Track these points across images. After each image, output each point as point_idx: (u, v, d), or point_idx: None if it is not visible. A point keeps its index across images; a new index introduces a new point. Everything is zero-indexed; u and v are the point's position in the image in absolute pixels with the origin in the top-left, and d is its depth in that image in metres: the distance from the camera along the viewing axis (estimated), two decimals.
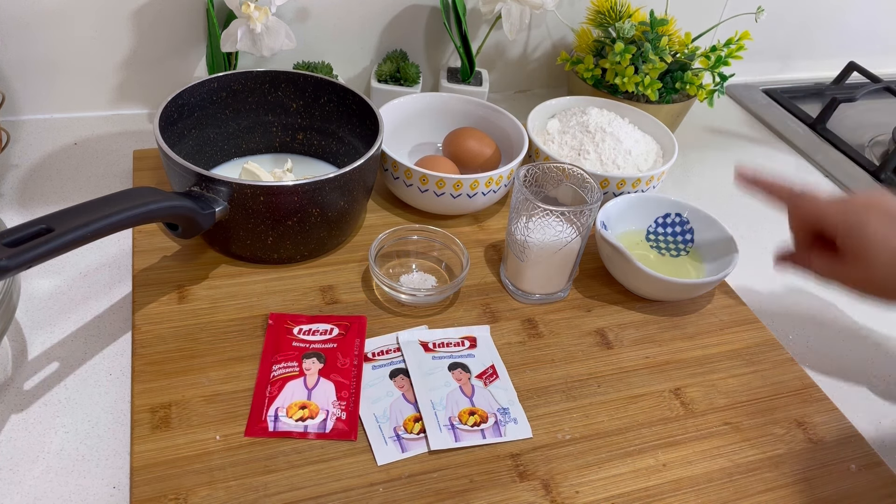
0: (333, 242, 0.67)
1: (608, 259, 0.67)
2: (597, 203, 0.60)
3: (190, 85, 0.67)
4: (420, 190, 0.69)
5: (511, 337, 0.62)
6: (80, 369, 0.56)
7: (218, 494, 0.47)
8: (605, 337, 0.63)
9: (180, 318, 0.58)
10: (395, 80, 0.87)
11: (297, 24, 0.83)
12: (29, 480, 0.48)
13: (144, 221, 0.52)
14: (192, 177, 0.58)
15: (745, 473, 0.54)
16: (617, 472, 0.52)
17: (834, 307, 0.73)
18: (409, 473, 0.50)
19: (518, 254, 0.63)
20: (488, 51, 0.95)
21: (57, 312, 0.60)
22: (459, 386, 0.56)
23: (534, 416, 0.55)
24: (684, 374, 0.61)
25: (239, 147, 0.74)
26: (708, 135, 1.00)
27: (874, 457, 0.57)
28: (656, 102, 0.87)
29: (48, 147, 0.77)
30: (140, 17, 0.78)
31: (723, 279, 0.65)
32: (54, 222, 0.46)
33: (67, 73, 0.79)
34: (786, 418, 0.59)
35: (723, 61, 0.87)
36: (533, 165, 0.63)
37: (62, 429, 0.51)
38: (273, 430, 0.51)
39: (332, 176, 0.59)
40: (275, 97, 0.73)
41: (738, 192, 0.89)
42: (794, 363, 0.64)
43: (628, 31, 0.85)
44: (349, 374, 0.56)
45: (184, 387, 0.53)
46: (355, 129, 0.72)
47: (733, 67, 0.87)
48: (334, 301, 0.62)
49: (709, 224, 0.70)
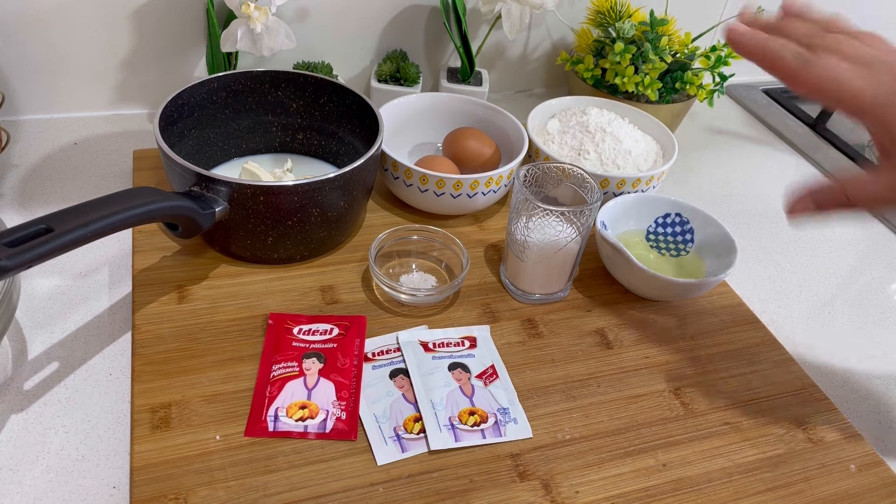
0: (333, 242, 0.67)
1: (608, 259, 0.67)
2: (597, 203, 0.60)
3: (190, 85, 0.67)
4: (420, 190, 0.69)
5: (511, 337, 0.62)
6: (80, 369, 0.56)
7: (218, 494, 0.47)
8: (605, 337, 0.63)
9: (180, 318, 0.58)
10: (395, 80, 0.87)
11: (297, 24, 0.83)
12: (29, 480, 0.48)
13: (144, 221, 0.52)
14: (192, 177, 0.58)
15: (745, 473, 0.54)
16: (617, 472, 0.52)
17: (834, 307, 0.73)
18: (409, 473, 0.50)
19: (518, 254, 0.63)
20: (488, 51, 0.95)
21: (57, 312, 0.60)
22: (459, 386, 0.56)
23: (534, 416, 0.55)
24: (684, 374, 0.61)
25: (239, 147, 0.74)
26: (708, 135, 1.00)
27: (874, 457, 0.57)
28: (656, 102, 0.87)
29: (48, 147, 0.78)
30: (140, 17, 0.78)
31: (723, 279, 0.65)
32: (54, 222, 0.46)
33: (67, 73, 0.79)
34: (786, 418, 0.59)
35: (723, 61, 0.87)
36: (533, 165, 0.63)
37: (62, 429, 0.51)
38: (273, 430, 0.51)
39: (332, 176, 0.59)
40: (275, 97, 0.73)
41: (738, 192, 0.90)
42: (794, 363, 0.64)
43: (628, 31, 0.85)
44: (349, 374, 0.56)
45: (184, 387, 0.53)
46: (355, 129, 0.72)
47: (733, 67, 0.87)
48: (334, 301, 0.62)
49: (709, 224, 0.70)
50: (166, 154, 0.59)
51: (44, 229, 0.45)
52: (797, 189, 0.48)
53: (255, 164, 0.68)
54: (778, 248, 0.80)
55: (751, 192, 0.89)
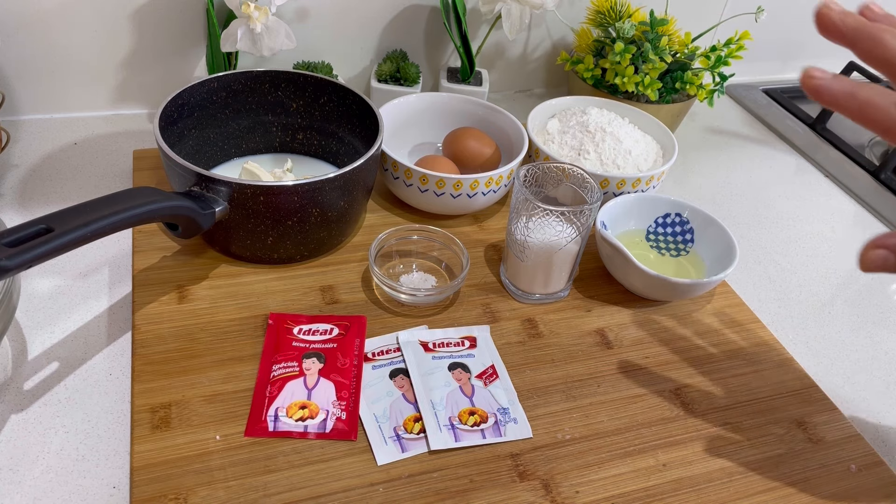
0: (333, 242, 0.67)
1: (608, 259, 0.67)
2: (597, 203, 0.60)
3: (190, 85, 0.67)
4: (420, 190, 0.69)
5: (511, 337, 0.62)
6: (80, 369, 0.56)
7: (218, 494, 0.47)
8: (605, 337, 0.63)
9: (180, 318, 0.58)
10: (395, 80, 0.87)
11: (297, 24, 0.83)
12: (29, 480, 0.48)
13: (144, 221, 0.52)
14: (192, 177, 0.58)
15: (745, 473, 0.54)
16: (617, 472, 0.52)
17: (834, 307, 0.73)
18: (409, 473, 0.50)
19: (518, 254, 0.63)
20: (488, 51, 0.95)
21: (57, 312, 0.60)
22: (459, 386, 0.56)
23: (534, 416, 0.55)
24: (684, 374, 0.61)
25: (239, 147, 0.74)
26: (708, 135, 1.00)
27: (874, 457, 0.57)
28: (656, 102, 0.87)
29: (48, 147, 0.78)
30: (140, 17, 0.78)
31: (723, 279, 0.65)
32: (54, 222, 0.46)
33: (67, 73, 0.79)
34: (786, 418, 0.59)
35: (723, 61, 0.87)
36: (533, 165, 0.63)
37: (62, 429, 0.51)
38: (273, 430, 0.51)
39: (332, 176, 0.59)
40: (275, 97, 0.73)
41: (738, 192, 0.90)
42: (794, 363, 0.64)
43: (628, 31, 0.85)
44: (349, 374, 0.56)
45: (184, 387, 0.53)
46: (355, 128, 0.72)
47: (733, 67, 0.87)
48: (334, 301, 0.62)
49: (709, 224, 0.70)
50: (166, 154, 0.59)
51: (44, 229, 0.45)
52: (871, 241, 0.43)
53: (255, 164, 0.68)
54: (778, 248, 0.80)
55: (751, 192, 0.89)
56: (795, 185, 0.92)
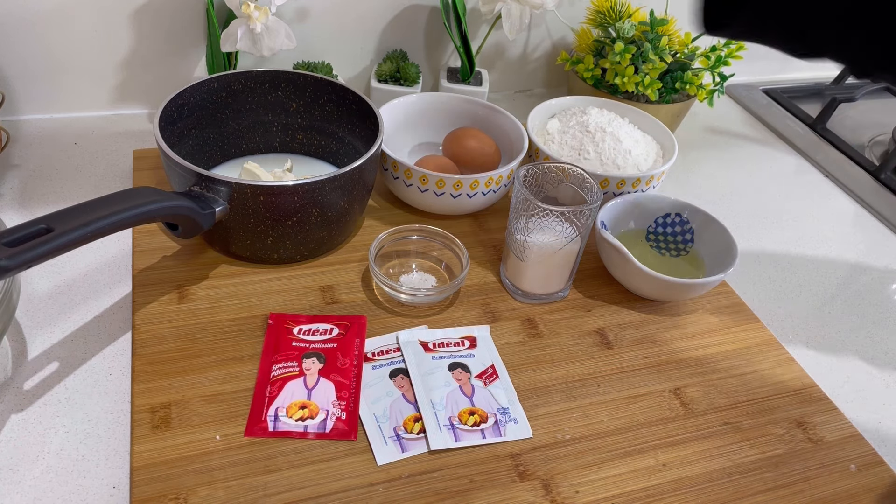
0: (333, 242, 0.67)
1: (608, 259, 0.67)
2: (597, 203, 0.60)
3: (190, 85, 0.67)
4: (420, 190, 0.69)
5: (511, 337, 0.62)
6: (80, 369, 0.56)
7: (218, 494, 0.47)
8: (605, 337, 0.63)
9: (180, 318, 0.58)
10: (395, 80, 0.87)
11: (297, 24, 0.83)
12: (29, 480, 0.48)
13: (144, 221, 0.52)
14: (192, 177, 0.58)
15: (745, 473, 0.54)
16: (617, 472, 0.52)
17: (834, 307, 0.73)
18: (408, 473, 0.50)
19: (518, 254, 0.63)
20: (488, 51, 0.95)
21: (57, 312, 0.60)
22: (459, 386, 0.56)
23: (534, 416, 0.55)
24: (684, 374, 0.61)
25: (239, 147, 0.74)
26: (708, 135, 1.00)
27: (874, 457, 0.57)
28: (656, 102, 0.87)
29: (48, 147, 0.78)
30: (140, 17, 0.78)
31: (723, 279, 0.65)
32: (54, 222, 0.46)
33: (67, 73, 0.79)
34: (786, 418, 0.59)
35: (723, 61, 0.87)
36: (533, 165, 0.63)
37: (62, 429, 0.51)
38: (273, 430, 0.51)
39: (332, 176, 0.59)
40: (275, 97, 0.73)
41: (738, 192, 0.90)
42: (794, 363, 0.64)
43: (628, 31, 0.85)
44: (349, 373, 0.56)
45: (184, 387, 0.53)
46: (355, 128, 0.72)
47: (733, 67, 0.87)
48: (334, 301, 0.62)
49: (709, 224, 0.70)
50: (166, 154, 0.59)
51: (44, 229, 0.45)
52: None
53: (255, 164, 0.68)
54: (778, 247, 0.80)
55: (751, 192, 0.89)
56: (795, 185, 0.92)
